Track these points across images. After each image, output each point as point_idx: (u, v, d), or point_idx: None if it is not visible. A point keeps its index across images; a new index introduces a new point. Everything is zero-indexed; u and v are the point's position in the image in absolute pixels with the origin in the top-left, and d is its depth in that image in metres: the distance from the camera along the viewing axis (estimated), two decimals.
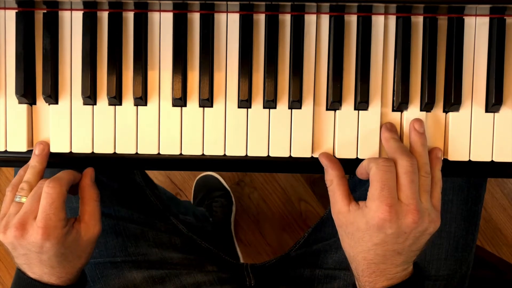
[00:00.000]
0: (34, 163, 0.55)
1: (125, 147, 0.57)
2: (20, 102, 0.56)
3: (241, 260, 1.35)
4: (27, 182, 0.54)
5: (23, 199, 0.53)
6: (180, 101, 0.56)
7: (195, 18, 0.56)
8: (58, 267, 0.53)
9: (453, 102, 0.55)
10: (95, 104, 0.56)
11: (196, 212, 0.98)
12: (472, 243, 0.66)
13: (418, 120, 0.54)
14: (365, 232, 0.50)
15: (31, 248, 0.51)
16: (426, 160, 0.52)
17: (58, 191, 0.51)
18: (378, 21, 0.55)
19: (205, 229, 0.91)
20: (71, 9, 0.56)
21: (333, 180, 0.54)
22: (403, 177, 0.50)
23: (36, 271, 0.53)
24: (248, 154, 0.56)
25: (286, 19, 0.56)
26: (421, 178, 0.51)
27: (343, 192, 0.53)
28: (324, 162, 0.55)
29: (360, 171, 0.55)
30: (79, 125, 0.56)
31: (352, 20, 0.56)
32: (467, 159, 0.56)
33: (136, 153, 0.57)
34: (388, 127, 0.55)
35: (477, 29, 0.55)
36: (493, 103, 0.55)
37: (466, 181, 0.65)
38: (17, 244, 0.51)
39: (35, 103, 0.57)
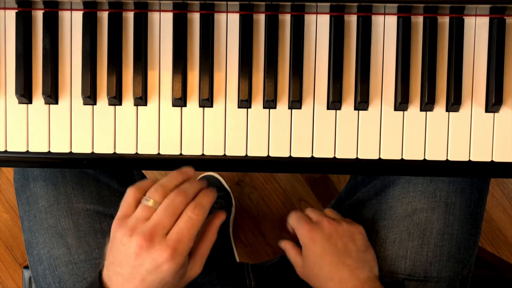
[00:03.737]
0: (179, 178, 0.53)
1: (125, 147, 0.57)
2: (20, 102, 0.56)
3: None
4: (162, 187, 0.51)
5: (151, 202, 0.50)
6: (180, 101, 0.56)
7: (195, 18, 0.56)
8: None
9: (453, 102, 0.55)
10: (95, 104, 0.56)
11: None
12: (474, 245, 0.66)
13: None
14: (320, 257, 0.59)
15: (147, 264, 0.47)
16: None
17: (201, 219, 0.50)
18: (378, 21, 0.55)
19: None
20: (71, 9, 0.56)
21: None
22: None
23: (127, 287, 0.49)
24: (248, 154, 0.56)
25: (286, 19, 0.56)
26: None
27: (295, 254, 0.64)
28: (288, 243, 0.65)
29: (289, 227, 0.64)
30: (79, 125, 0.56)
31: (352, 20, 0.56)
32: (467, 159, 0.56)
33: (136, 153, 0.57)
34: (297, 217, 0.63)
35: (477, 29, 0.56)
36: (493, 103, 0.55)
37: (469, 184, 0.64)
38: (136, 254, 0.47)
39: None
